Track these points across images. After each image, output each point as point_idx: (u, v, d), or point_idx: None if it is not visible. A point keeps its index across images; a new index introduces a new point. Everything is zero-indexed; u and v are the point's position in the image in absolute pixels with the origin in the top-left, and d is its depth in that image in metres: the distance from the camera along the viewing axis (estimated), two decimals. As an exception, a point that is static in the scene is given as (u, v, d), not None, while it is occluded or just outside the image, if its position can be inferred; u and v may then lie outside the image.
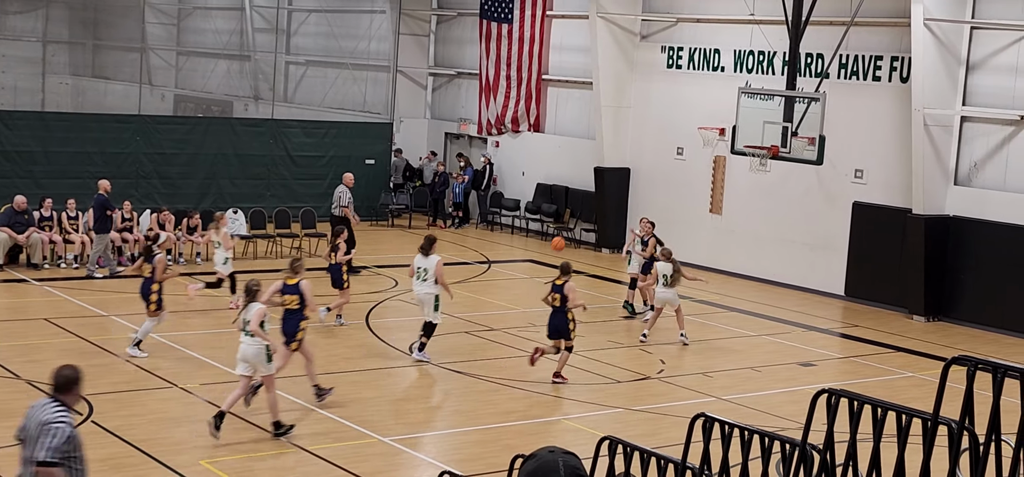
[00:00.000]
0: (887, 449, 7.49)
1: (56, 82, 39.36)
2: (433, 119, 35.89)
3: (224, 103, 38.06)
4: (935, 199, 23.40)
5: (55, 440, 7.98)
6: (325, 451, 13.51)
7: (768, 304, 24.20)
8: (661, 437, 14.33)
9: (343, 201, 24.83)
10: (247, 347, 13.84)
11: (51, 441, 7.98)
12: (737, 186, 27.28)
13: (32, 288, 21.67)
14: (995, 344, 21.66)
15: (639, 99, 29.52)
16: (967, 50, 23.29)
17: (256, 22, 37.98)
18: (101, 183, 23.55)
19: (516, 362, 18.18)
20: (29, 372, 15.94)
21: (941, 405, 7.19)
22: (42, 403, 8.29)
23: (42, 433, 7.99)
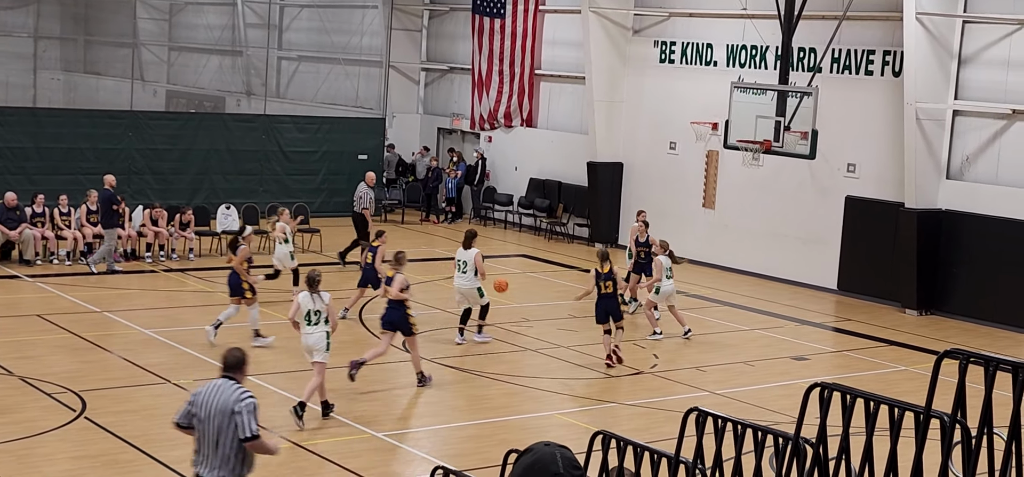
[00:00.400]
0: (880, 442, 7.50)
1: (48, 78, 39.29)
2: (426, 114, 35.88)
3: (216, 99, 38.03)
4: (927, 193, 23.44)
5: (253, 414, 8.71)
6: (318, 446, 13.51)
7: (761, 298, 24.23)
8: (654, 432, 14.35)
9: (364, 201, 24.91)
10: (309, 336, 14.31)
11: (249, 418, 8.68)
12: (730, 181, 27.30)
13: (25, 284, 21.64)
14: (987, 337, 21.71)
15: (632, 94, 29.53)
16: (959, 44, 23.33)
17: (248, 17, 37.95)
18: (107, 178, 23.57)
19: (509, 357, 18.19)
20: (22, 369, 15.92)
21: (933, 398, 7.20)
22: (215, 385, 8.85)
23: (237, 413, 8.64)
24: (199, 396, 8.85)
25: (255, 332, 17.95)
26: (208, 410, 8.72)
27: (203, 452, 8.81)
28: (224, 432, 8.69)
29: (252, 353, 17.10)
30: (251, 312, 18.01)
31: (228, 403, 8.68)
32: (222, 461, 8.73)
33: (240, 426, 8.66)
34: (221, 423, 8.69)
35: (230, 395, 8.72)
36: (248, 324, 17.99)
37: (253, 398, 8.82)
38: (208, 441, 8.76)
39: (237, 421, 8.65)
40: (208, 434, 8.74)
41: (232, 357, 8.99)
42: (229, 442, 8.71)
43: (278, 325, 18.36)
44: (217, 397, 8.74)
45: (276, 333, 18.13)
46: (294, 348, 18.01)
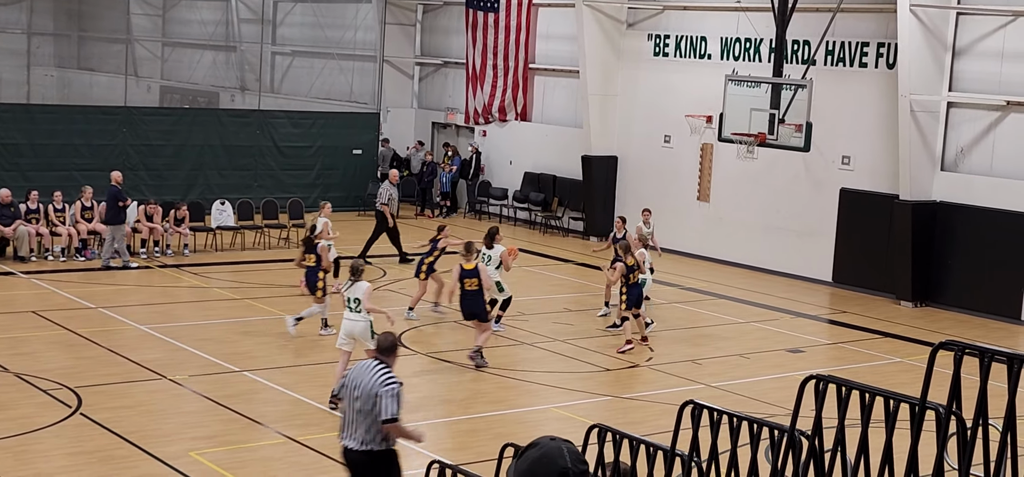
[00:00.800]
0: (875, 434, 7.52)
1: (41, 74, 39.21)
2: (420, 109, 35.86)
3: (210, 94, 37.98)
4: (922, 185, 23.46)
5: (395, 399, 9.42)
6: (314, 441, 13.51)
7: (756, 291, 24.24)
8: (650, 425, 14.36)
9: (383, 197, 24.95)
10: (354, 323, 14.74)
11: (391, 402, 9.39)
12: (725, 173, 27.31)
13: (19, 281, 21.62)
14: (982, 329, 21.75)
15: (626, 87, 29.52)
16: (953, 36, 23.34)
17: (242, 12, 37.90)
18: (113, 174, 23.60)
19: (504, 351, 18.19)
20: (17, 365, 15.91)
21: (929, 390, 7.21)
22: (367, 366, 9.61)
23: (380, 395, 9.35)
24: (353, 372, 9.70)
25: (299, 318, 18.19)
26: (357, 387, 9.46)
27: (347, 422, 9.58)
28: (367, 409, 9.41)
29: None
30: (314, 307, 18.27)
31: (375, 384, 9.40)
32: (363, 434, 9.47)
33: (383, 408, 9.37)
34: (366, 401, 9.40)
35: (378, 377, 9.45)
36: (306, 313, 18.18)
37: (398, 383, 9.54)
38: (353, 414, 9.50)
39: (380, 402, 9.35)
40: (354, 408, 9.47)
41: (386, 341, 9.81)
42: (370, 419, 9.42)
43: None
44: (367, 377, 9.49)
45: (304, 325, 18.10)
46: (289, 345, 18.03)
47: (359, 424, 9.49)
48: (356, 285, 14.84)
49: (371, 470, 9.53)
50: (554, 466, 3.40)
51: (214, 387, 15.44)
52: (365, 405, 9.44)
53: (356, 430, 9.51)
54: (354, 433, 9.53)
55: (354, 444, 9.55)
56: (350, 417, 9.55)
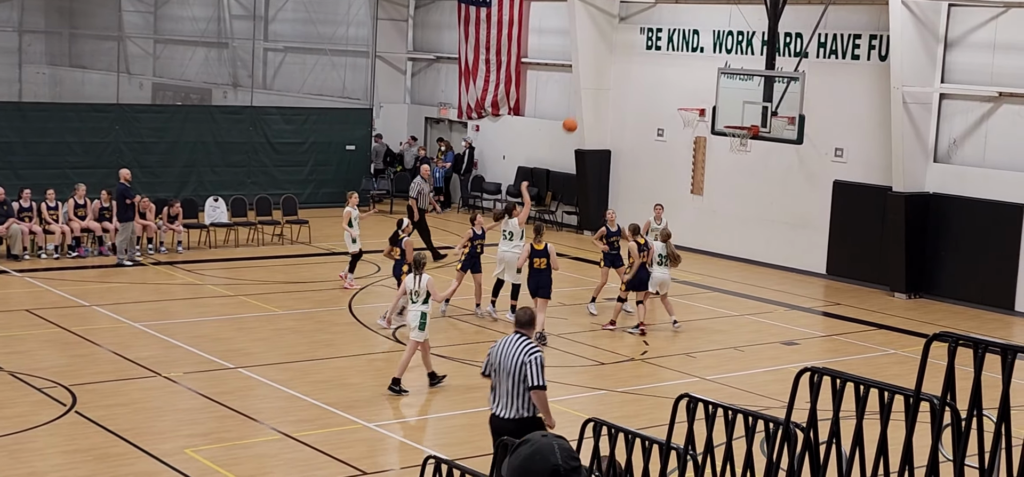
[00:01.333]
0: (870, 426, 7.53)
1: (33, 72, 39.13)
2: (413, 104, 35.84)
3: (203, 91, 37.90)
4: (915, 176, 23.50)
5: (541, 367, 10.18)
6: (310, 437, 13.51)
7: (750, 284, 24.27)
8: (645, 418, 14.38)
9: (413, 192, 25.00)
10: (412, 314, 15.26)
11: (538, 371, 10.14)
12: (718, 167, 27.33)
13: (13, 279, 21.59)
14: (976, 320, 21.79)
15: (619, 81, 29.53)
16: (945, 27, 23.37)
17: (233, 9, 37.81)
18: (122, 172, 23.71)
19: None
20: (11, 363, 15.89)
21: (923, 381, 7.23)
22: (510, 340, 10.29)
23: (526, 364, 10.09)
24: (496, 348, 10.38)
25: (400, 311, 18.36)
26: (502, 360, 10.21)
27: (498, 394, 10.31)
28: (515, 378, 10.14)
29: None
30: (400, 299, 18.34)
31: (520, 355, 10.13)
32: (513, 402, 10.21)
33: (529, 376, 10.11)
34: (513, 371, 10.14)
35: (522, 348, 10.18)
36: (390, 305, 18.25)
37: (541, 352, 10.31)
38: (503, 385, 10.23)
39: (526, 371, 10.10)
40: (503, 379, 10.21)
41: (524, 315, 10.54)
42: (519, 387, 10.16)
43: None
44: (511, 349, 10.20)
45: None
46: (280, 342, 18.03)
47: (510, 394, 10.21)
48: (421, 277, 15.30)
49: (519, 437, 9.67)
50: (545, 463, 3.40)
51: (209, 384, 15.44)
52: (514, 375, 10.15)
53: (508, 400, 10.23)
54: (506, 403, 10.24)
55: (506, 413, 10.25)
56: (502, 388, 10.25)
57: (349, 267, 22.07)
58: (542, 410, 10.31)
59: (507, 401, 10.24)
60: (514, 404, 10.22)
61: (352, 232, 21.85)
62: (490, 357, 10.45)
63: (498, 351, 10.33)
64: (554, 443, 3.46)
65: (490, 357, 10.45)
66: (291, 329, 18.81)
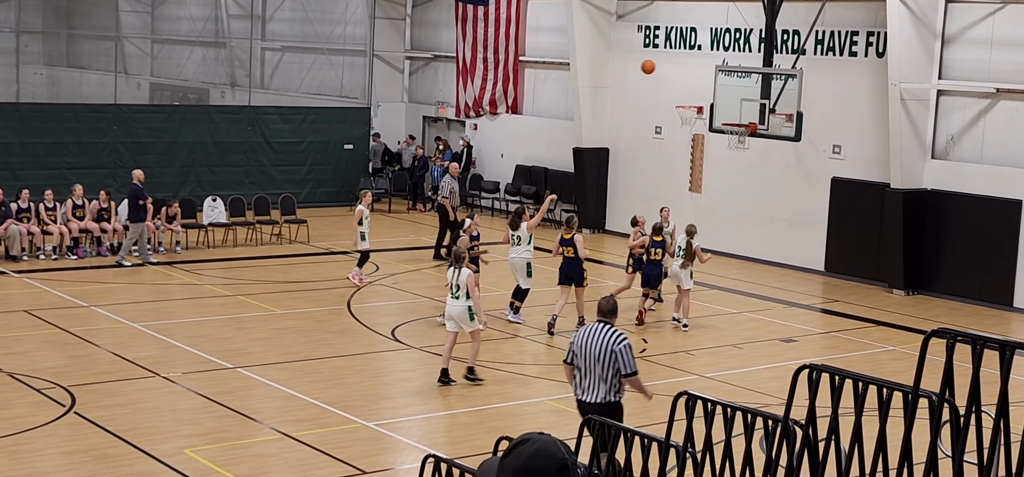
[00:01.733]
0: (869, 423, 7.54)
1: (31, 72, 39.13)
2: (411, 103, 35.83)
3: (200, 91, 37.92)
4: (913, 173, 23.50)
5: (631, 354, 10.74)
6: (309, 437, 13.52)
7: (749, 281, 24.28)
8: (644, 416, 14.37)
9: (444, 191, 25.06)
10: (453, 307, 15.54)
11: (629, 357, 10.70)
12: (716, 164, 27.33)
13: (11, 280, 21.58)
14: (974, 316, 21.80)
15: (616, 79, 29.52)
16: (942, 24, 23.37)
17: (231, 8, 37.82)
18: (135, 173, 23.81)
19: (498, 345, 18.20)
20: (10, 364, 15.89)
21: (921, 378, 7.24)
22: (593, 329, 10.78)
23: (616, 352, 10.62)
24: (578, 337, 10.85)
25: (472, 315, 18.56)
26: (588, 348, 10.67)
27: (584, 381, 10.77)
28: (603, 365, 10.61)
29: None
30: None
31: (608, 343, 10.62)
32: (600, 387, 10.69)
33: (622, 363, 10.65)
34: (601, 358, 10.61)
35: (609, 336, 10.66)
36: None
37: (628, 340, 10.83)
38: (589, 372, 10.70)
39: (618, 360, 10.62)
40: (589, 367, 10.67)
41: (607, 304, 10.98)
42: (607, 373, 10.63)
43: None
44: (597, 338, 10.67)
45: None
46: (279, 342, 18.03)
47: (598, 380, 10.69)
48: (460, 272, 15.55)
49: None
50: (552, 459, 3.38)
51: (208, 384, 15.44)
52: (602, 363, 10.62)
53: (596, 386, 10.71)
54: (594, 389, 10.73)
55: (594, 398, 10.71)
56: (590, 375, 10.73)
57: (358, 263, 22.14)
58: (639, 390, 10.97)
59: (593, 386, 10.72)
60: (601, 389, 10.71)
61: (362, 229, 21.88)
62: (572, 346, 10.92)
63: (581, 340, 10.78)
64: (554, 439, 3.44)
65: (572, 346, 10.92)
66: (290, 329, 18.82)
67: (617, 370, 10.70)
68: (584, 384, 10.83)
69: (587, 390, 10.81)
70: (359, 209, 22.12)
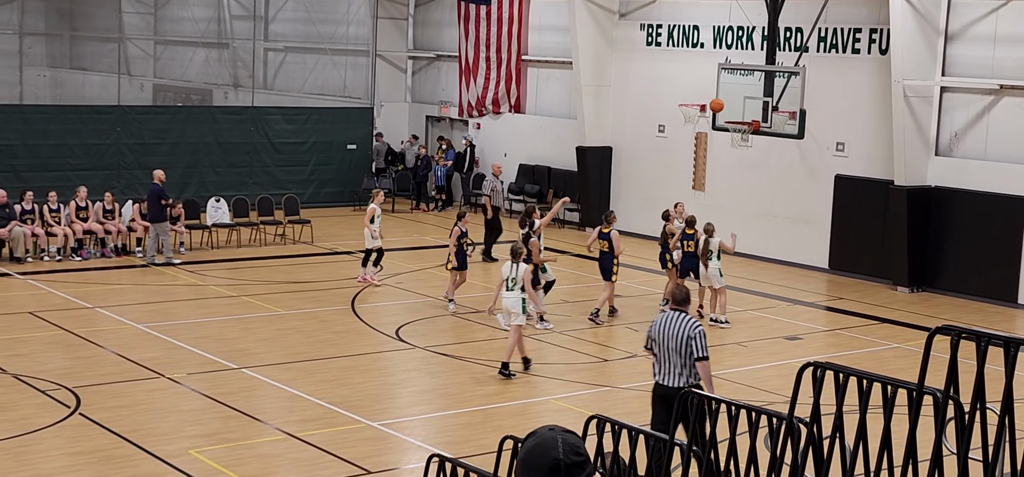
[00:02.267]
0: (874, 420, 7.54)
1: (34, 74, 39.19)
2: (414, 102, 35.84)
3: (203, 91, 37.95)
4: (917, 170, 23.49)
5: (705, 340, 11.37)
6: (313, 437, 13.52)
7: (753, 279, 24.26)
8: (649, 414, 14.37)
9: (486, 189, 25.19)
10: (508, 298, 16.27)
11: (703, 343, 11.34)
12: (719, 162, 27.32)
13: (15, 282, 21.61)
14: (979, 313, 21.79)
15: (619, 78, 29.52)
16: (945, 20, 23.35)
17: (233, 9, 37.85)
18: (156, 173, 23.94)
19: (502, 344, 18.20)
20: (15, 366, 15.91)
21: (926, 375, 7.24)
22: (670, 317, 11.46)
23: (692, 338, 11.27)
24: (656, 325, 11.55)
25: (539, 316, 19.14)
26: (666, 335, 11.38)
27: (663, 367, 11.44)
28: (680, 351, 11.30)
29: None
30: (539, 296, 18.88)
31: (684, 330, 11.31)
32: (678, 372, 11.34)
33: (696, 348, 11.29)
34: (679, 344, 11.30)
35: (685, 324, 11.36)
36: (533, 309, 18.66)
37: (703, 327, 11.51)
38: (668, 358, 11.37)
39: (692, 345, 11.27)
40: (668, 352, 11.37)
41: (681, 293, 11.81)
42: (684, 358, 11.30)
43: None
44: (673, 325, 11.39)
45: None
46: (283, 342, 18.04)
47: (676, 365, 11.36)
48: (517, 266, 16.32)
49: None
50: (546, 457, 3.41)
51: (212, 385, 15.45)
52: (680, 349, 11.31)
53: (673, 371, 11.37)
54: (671, 373, 11.39)
55: (672, 382, 11.36)
56: (668, 361, 11.40)
57: (362, 262, 22.19)
58: (705, 378, 11.36)
59: (672, 371, 11.40)
60: (679, 374, 11.36)
61: (372, 229, 21.89)
62: (651, 333, 11.65)
63: (659, 328, 11.49)
64: (558, 437, 3.45)
65: (651, 333, 11.65)
66: (294, 329, 18.83)
67: (692, 354, 11.35)
68: (663, 369, 11.50)
69: (666, 375, 11.47)
70: (371, 208, 22.14)
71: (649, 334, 11.73)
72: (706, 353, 11.42)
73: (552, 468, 3.38)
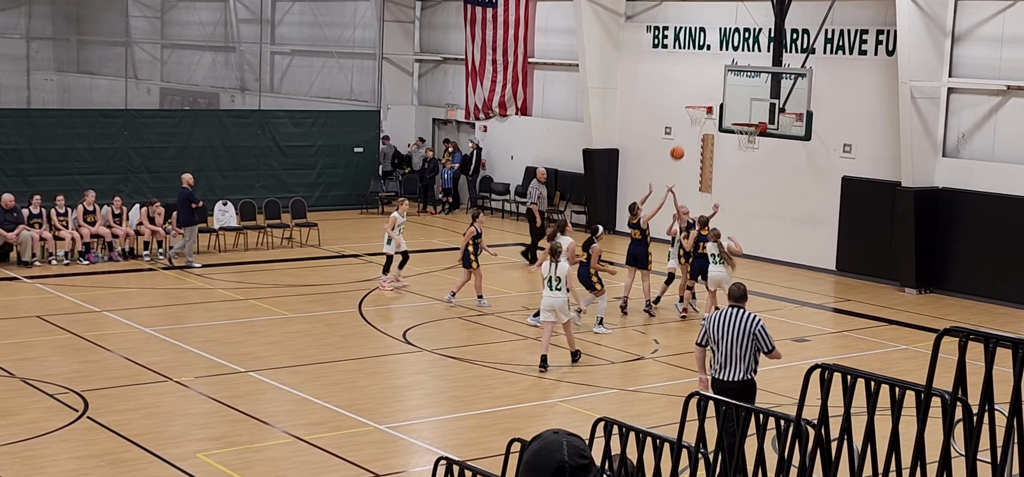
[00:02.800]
0: (881, 422, 7.53)
1: (41, 78, 39.25)
2: (420, 105, 35.86)
3: (210, 95, 38.01)
4: (924, 171, 23.46)
5: (768, 333, 11.81)
6: (321, 440, 13.53)
7: (760, 281, 24.21)
8: (656, 417, 14.38)
9: (532, 197, 25.22)
10: (555, 298, 16.60)
11: (768, 336, 11.78)
12: (726, 164, 27.31)
13: (23, 286, 21.65)
14: (987, 314, 21.75)
15: (626, 80, 29.52)
16: (952, 21, 23.32)
17: (240, 13, 37.92)
18: (184, 177, 24.13)
19: (510, 346, 18.21)
20: (23, 370, 15.94)
21: (934, 377, 7.23)
22: (728, 313, 11.76)
23: (757, 333, 11.66)
24: (713, 322, 11.84)
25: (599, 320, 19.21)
26: (725, 331, 11.67)
27: (723, 362, 11.72)
28: (744, 346, 11.62)
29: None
30: (599, 302, 19.12)
31: (747, 325, 11.67)
32: (740, 365, 11.66)
33: (763, 342, 11.71)
34: (741, 339, 11.62)
35: (746, 319, 11.71)
36: (597, 312, 19.14)
37: (762, 320, 11.88)
38: (729, 352, 11.67)
39: (758, 339, 11.68)
40: (729, 348, 11.65)
41: (739, 290, 12.11)
42: (747, 353, 11.64)
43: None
44: (734, 321, 11.69)
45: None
46: (290, 346, 18.06)
47: (739, 360, 11.66)
48: (559, 265, 16.59)
49: (744, 396, 11.40)
50: (551, 460, 3.41)
51: (220, 388, 15.47)
52: (742, 344, 11.62)
53: (736, 365, 11.66)
54: (731, 368, 11.68)
55: (734, 376, 11.65)
56: (729, 355, 11.68)
57: (383, 269, 22.06)
58: (775, 360, 12.12)
59: (733, 366, 11.68)
60: (739, 368, 11.66)
61: (393, 234, 21.79)
62: (706, 330, 11.94)
63: (717, 324, 11.77)
64: (564, 440, 3.46)
65: (706, 330, 11.94)
66: (301, 332, 18.85)
67: (757, 349, 11.71)
68: (723, 364, 11.74)
69: (726, 370, 11.72)
70: (394, 215, 22.05)
71: (706, 332, 11.98)
72: (773, 345, 11.84)
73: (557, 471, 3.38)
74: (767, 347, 11.76)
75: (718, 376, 11.84)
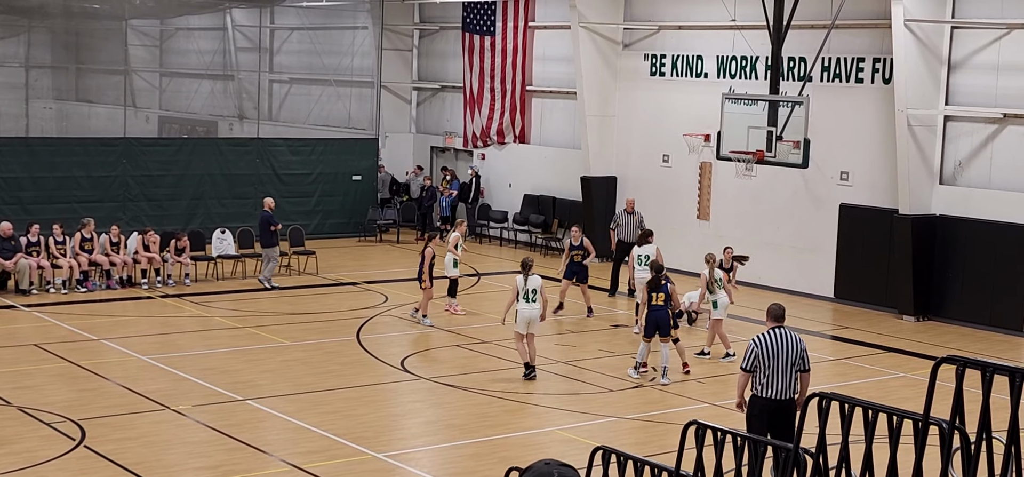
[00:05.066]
0: (879, 450, 7.53)
1: (40, 107, 39.20)
2: (419, 133, 35.91)
3: (209, 123, 38.02)
4: (921, 199, 23.49)
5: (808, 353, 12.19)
6: (319, 468, 13.50)
7: (757, 308, 24.12)
8: (654, 445, 14.36)
9: (615, 224, 25.72)
10: (533, 310, 17.45)
11: (808, 356, 12.15)
12: (724, 192, 27.34)
13: (21, 314, 21.63)
14: (985, 342, 21.74)
15: (623, 108, 29.58)
16: (948, 49, 23.40)
17: (239, 41, 37.98)
18: (266, 201, 25.11)
19: (508, 374, 18.19)
20: (20, 398, 15.90)
21: (932, 405, 7.23)
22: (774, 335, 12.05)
23: (804, 351, 12.09)
24: (762, 345, 12.03)
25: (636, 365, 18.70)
26: (776, 352, 11.97)
27: (776, 383, 11.96)
28: (793, 363, 11.99)
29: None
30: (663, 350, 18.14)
31: (797, 345, 12.07)
32: (788, 384, 11.99)
33: (805, 361, 12.08)
34: (792, 358, 11.99)
35: (794, 339, 12.10)
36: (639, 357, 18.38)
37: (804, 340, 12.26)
38: (782, 374, 11.96)
39: (805, 358, 12.07)
40: (781, 369, 11.96)
41: (779, 310, 12.38)
42: (793, 370, 12.00)
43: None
44: (786, 342, 12.03)
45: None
46: (288, 374, 18.03)
47: (791, 378, 12.00)
48: (531, 278, 17.43)
49: (792, 412, 11.96)
50: None
51: (218, 416, 15.44)
52: (794, 362, 12.00)
53: (782, 384, 11.97)
54: (780, 387, 11.98)
55: (785, 395, 12.00)
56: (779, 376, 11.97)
57: (448, 292, 22.36)
58: (805, 388, 12.00)
59: (781, 385, 11.98)
60: (788, 388, 12.00)
61: (457, 254, 22.22)
62: (755, 353, 12.06)
63: (766, 346, 12.00)
64: (555, 471, 3.47)
65: (755, 353, 12.06)
66: (299, 360, 18.83)
67: (801, 368, 12.04)
68: (775, 385, 12.01)
69: (779, 390, 12.01)
70: (454, 236, 22.43)
71: (754, 356, 12.07)
72: (810, 366, 12.21)
73: None
74: (807, 365, 12.10)
75: (762, 395, 12.05)
